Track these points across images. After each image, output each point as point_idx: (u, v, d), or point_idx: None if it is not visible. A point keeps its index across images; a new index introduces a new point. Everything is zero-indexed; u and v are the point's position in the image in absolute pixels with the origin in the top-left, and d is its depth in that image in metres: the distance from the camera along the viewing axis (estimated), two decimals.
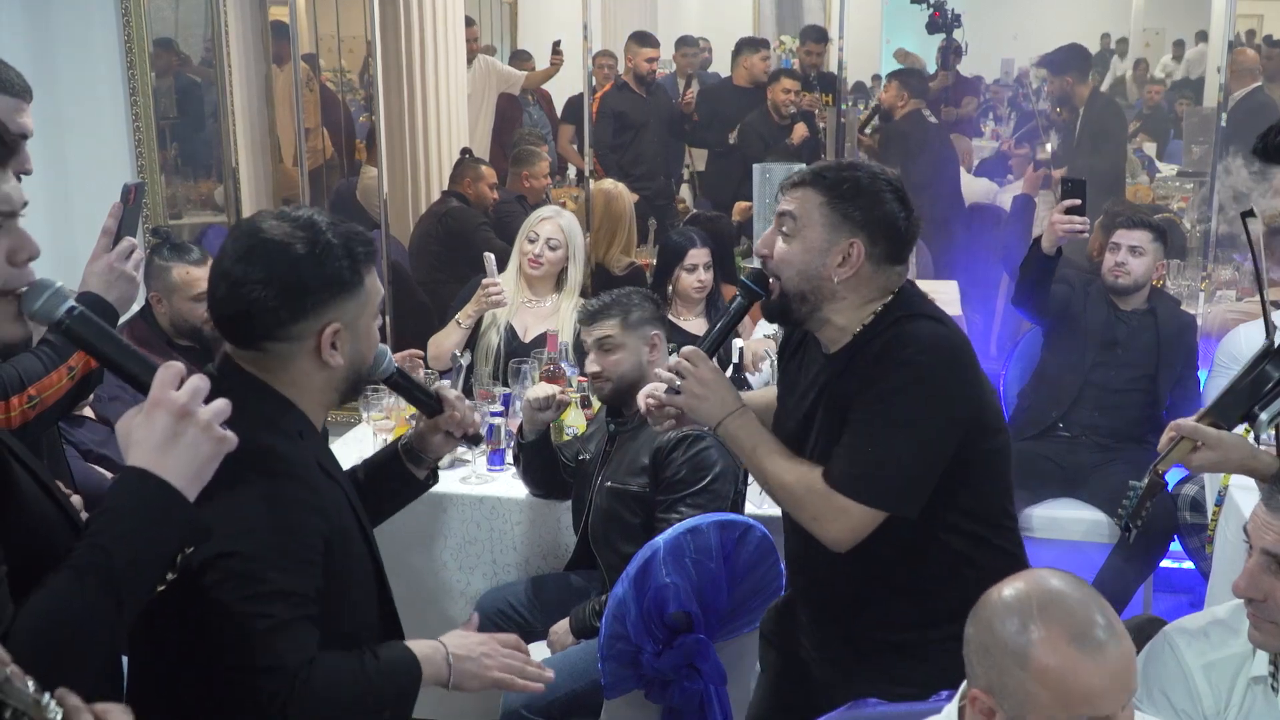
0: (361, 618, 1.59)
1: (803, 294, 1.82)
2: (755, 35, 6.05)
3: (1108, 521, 3.45)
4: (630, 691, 2.36)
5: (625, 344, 2.68)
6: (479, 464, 3.08)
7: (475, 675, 1.59)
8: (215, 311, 1.53)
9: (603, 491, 2.65)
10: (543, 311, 3.56)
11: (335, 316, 1.51)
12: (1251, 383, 1.93)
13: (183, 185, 4.47)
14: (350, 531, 1.55)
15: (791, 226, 1.81)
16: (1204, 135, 4.86)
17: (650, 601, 2.29)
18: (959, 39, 5.97)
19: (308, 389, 1.55)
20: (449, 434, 1.85)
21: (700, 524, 2.33)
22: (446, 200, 4.72)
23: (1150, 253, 3.50)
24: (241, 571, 1.40)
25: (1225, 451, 1.89)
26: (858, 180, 1.80)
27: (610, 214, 4.26)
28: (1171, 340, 3.54)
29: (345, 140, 5.18)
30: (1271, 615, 1.58)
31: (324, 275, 1.49)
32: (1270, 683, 1.64)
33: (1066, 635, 1.26)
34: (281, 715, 1.40)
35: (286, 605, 1.42)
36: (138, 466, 1.27)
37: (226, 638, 1.40)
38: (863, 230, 1.78)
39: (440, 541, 3.00)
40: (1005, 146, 6.28)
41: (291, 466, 1.48)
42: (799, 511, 1.81)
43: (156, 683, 1.50)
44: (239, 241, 1.50)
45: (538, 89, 5.94)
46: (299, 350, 1.51)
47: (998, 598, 1.32)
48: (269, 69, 4.63)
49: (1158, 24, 6.68)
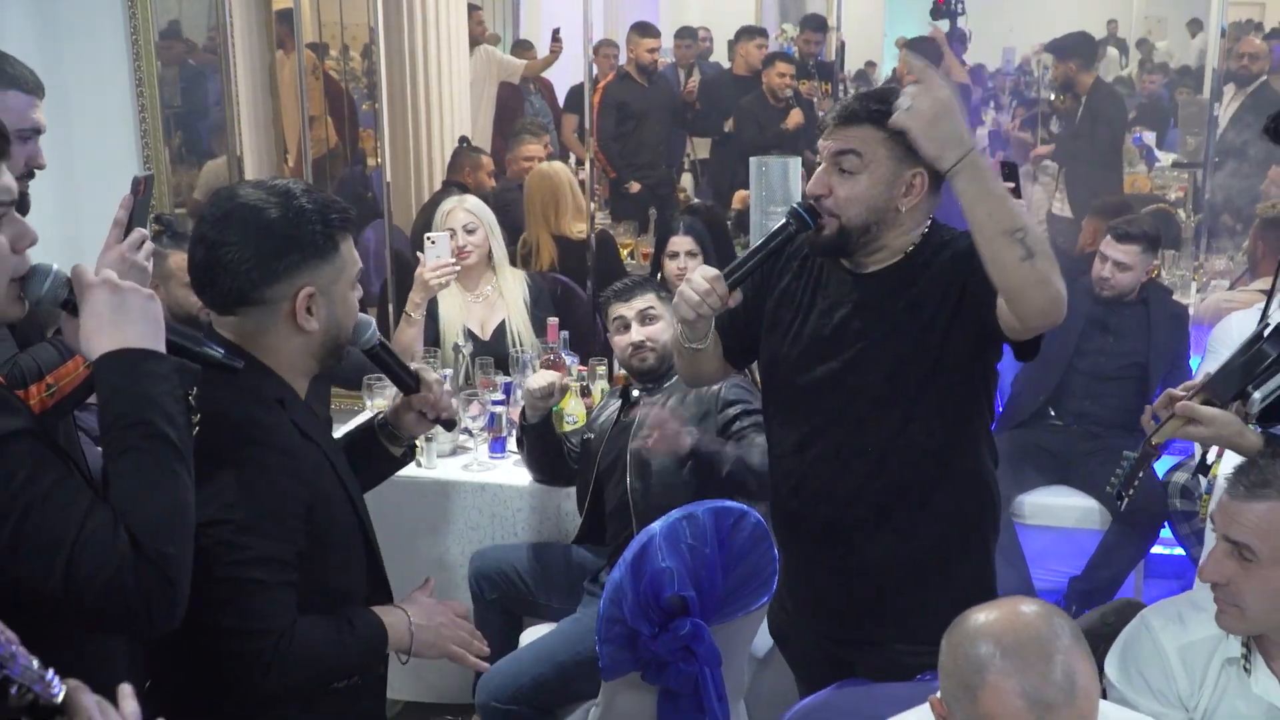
0: (349, 578, 1.66)
1: (867, 226, 1.87)
2: (756, 24, 6.07)
3: (1099, 508, 3.51)
4: (627, 673, 2.42)
5: (664, 315, 2.83)
6: (481, 451, 3.13)
7: (433, 645, 1.68)
8: (194, 275, 1.59)
9: (641, 451, 2.69)
10: (489, 300, 3.57)
11: (309, 280, 1.56)
12: (1246, 361, 1.98)
13: (187, 174, 4.51)
14: (332, 495, 1.61)
15: (855, 163, 1.84)
16: (1199, 126, 4.88)
17: (647, 585, 2.35)
18: (963, 26, 5.96)
19: (285, 355, 1.60)
20: (422, 414, 1.88)
21: (696, 510, 2.39)
22: (448, 190, 4.75)
23: (1138, 265, 3.56)
24: (228, 540, 1.47)
25: (1217, 428, 1.95)
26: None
27: (546, 190, 4.25)
28: (1163, 330, 3.59)
29: (349, 129, 5.21)
30: (1235, 599, 1.63)
31: (297, 238, 1.55)
32: (1242, 664, 1.69)
33: (1020, 688, 1.26)
34: (265, 672, 1.50)
35: (269, 570, 1.50)
36: (107, 350, 1.34)
37: (216, 601, 1.47)
38: (921, 160, 1.79)
39: (444, 528, 3.06)
40: (1007, 129, 6.28)
41: (271, 435, 1.54)
42: (1041, 262, 1.69)
43: (157, 652, 1.58)
44: (216, 207, 1.57)
45: (539, 78, 5.97)
46: (275, 314, 1.57)
47: (975, 622, 1.33)
48: (273, 57, 4.67)
49: (1160, 12, 6.69)
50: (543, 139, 5.08)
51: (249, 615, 1.49)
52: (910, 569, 1.99)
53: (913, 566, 1.99)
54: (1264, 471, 1.62)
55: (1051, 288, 1.73)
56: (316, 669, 1.57)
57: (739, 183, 4.87)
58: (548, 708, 2.68)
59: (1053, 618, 1.32)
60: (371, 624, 1.63)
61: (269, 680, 1.51)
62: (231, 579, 1.48)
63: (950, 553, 1.99)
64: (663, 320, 2.83)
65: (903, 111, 1.70)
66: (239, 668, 1.50)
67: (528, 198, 4.30)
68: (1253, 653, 1.69)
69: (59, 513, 1.24)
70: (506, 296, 3.56)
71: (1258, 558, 1.60)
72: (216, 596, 1.47)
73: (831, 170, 1.88)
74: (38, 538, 1.21)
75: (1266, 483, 1.61)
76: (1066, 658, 1.29)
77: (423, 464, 3.07)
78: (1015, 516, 3.53)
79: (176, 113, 4.44)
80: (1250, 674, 1.68)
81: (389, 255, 4.39)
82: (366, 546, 1.69)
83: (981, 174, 1.68)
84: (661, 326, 2.83)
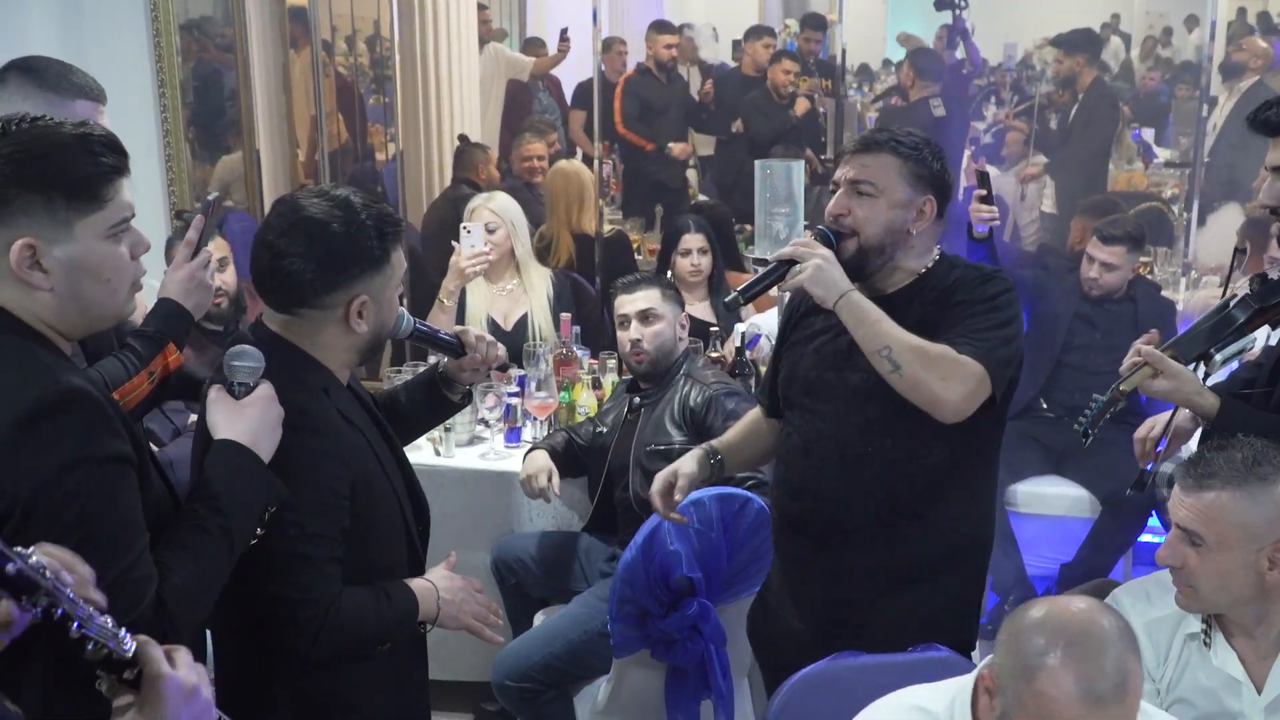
0: (391, 554, 1.81)
1: (882, 246, 2.04)
2: (761, 22, 6.15)
3: (1090, 497, 3.62)
4: (638, 651, 2.56)
5: (664, 315, 2.88)
6: (497, 441, 3.26)
7: (454, 618, 1.83)
8: (257, 278, 1.72)
9: (643, 457, 2.83)
10: (514, 293, 3.68)
11: (363, 290, 1.70)
12: (1214, 325, 2.11)
13: (200, 170, 4.59)
14: (374, 476, 1.75)
15: (872, 189, 2.02)
16: (1193, 125, 4.97)
17: (657, 567, 2.48)
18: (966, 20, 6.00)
19: (333, 350, 1.74)
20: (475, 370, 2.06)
21: (702, 497, 2.50)
22: (458, 187, 4.83)
23: (1124, 265, 3.67)
24: (282, 518, 1.61)
25: (1179, 384, 2.10)
26: (923, 145, 2.05)
27: (571, 189, 4.36)
28: (1150, 325, 3.67)
29: (360, 125, 5.30)
30: (1189, 580, 1.76)
31: (356, 253, 1.68)
32: (1203, 639, 1.83)
33: (1075, 676, 1.36)
34: (314, 639, 1.65)
35: (315, 545, 1.65)
36: (228, 439, 1.54)
37: (270, 572, 1.63)
38: (932, 189, 2.04)
39: (461, 515, 3.15)
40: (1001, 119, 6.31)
41: (318, 422, 1.68)
42: (928, 371, 1.92)
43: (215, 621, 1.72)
44: (283, 217, 1.69)
45: (547, 75, 6.05)
46: (329, 318, 1.71)
47: (1039, 613, 1.42)
48: (287, 55, 4.75)
49: (1160, 7, 6.75)
50: (548, 137, 5.14)
51: (299, 586, 1.64)
52: (898, 578, 2.07)
53: (900, 576, 2.07)
54: (1210, 464, 1.74)
55: (923, 392, 1.92)
56: (359, 636, 1.71)
57: (743, 180, 4.96)
58: (558, 683, 2.80)
59: (1117, 624, 1.41)
60: (406, 596, 1.78)
61: (316, 647, 1.65)
62: (284, 552, 1.63)
63: (940, 566, 2.09)
64: (663, 321, 2.88)
65: (796, 276, 2.00)
66: (289, 633, 1.65)
67: (551, 195, 4.40)
68: (1213, 629, 1.82)
69: (113, 544, 1.34)
70: (530, 291, 3.66)
71: (1205, 543, 1.73)
72: (271, 568, 1.63)
73: (850, 194, 2.05)
74: (90, 557, 1.25)
75: (1213, 474, 1.73)
76: (1126, 662, 1.38)
77: (441, 453, 3.19)
78: (1009, 505, 3.65)
79: (192, 109, 4.53)
80: (1210, 648, 1.81)
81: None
82: (405, 525, 1.82)
83: (854, 308, 1.96)
84: (660, 328, 2.88)
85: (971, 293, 2.02)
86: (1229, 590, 1.75)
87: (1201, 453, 1.79)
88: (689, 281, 3.71)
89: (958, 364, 1.92)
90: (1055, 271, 3.83)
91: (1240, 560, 1.72)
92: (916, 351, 1.93)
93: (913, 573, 2.06)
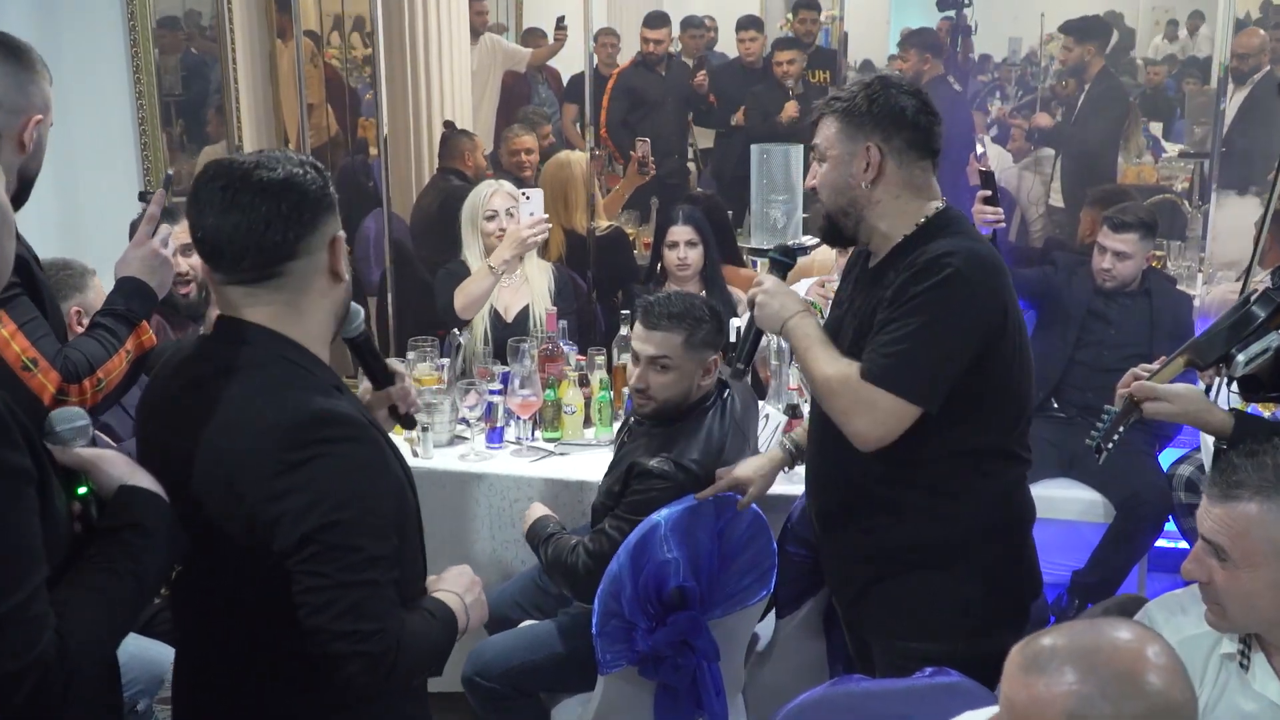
0: (415, 568, 1.62)
1: (841, 208, 1.98)
2: (758, 14, 6.05)
3: (1103, 501, 3.49)
4: (624, 668, 2.40)
5: (681, 367, 2.49)
6: (478, 441, 3.11)
7: (477, 620, 1.68)
8: (230, 250, 1.47)
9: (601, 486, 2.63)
10: (515, 285, 3.55)
11: (335, 228, 1.52)
12: (1233, 325, 1.98)
13: (187, 163, 4.48)
14: (404, 483, 1.56)
15: (819, 152, 1.99)
16: (1206, 116, 4.84)
17: (648, 577, 2.33)
18: (969, 17, 5.91)
19: (316, 320, 1.53)
20: (392, 409, 1.84)
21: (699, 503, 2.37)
22: (446, 177, 4.69)
23: (1138, 253, 3.53)
24: (339, 543, 1.40)
25: (1182, 405, 1.99)
26: (864, 90, 1.95)
27: (558, 181, 4.21)
28: (1165, 320, 3.56)
29: (349, 117, 5.18)
30: (1215, 597, 1.60)
31: (314, 188, 1.49)
32: (1240, 660, 1.66)
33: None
34: (390, 672, 1.44)
35: (378, 569, 1.44)
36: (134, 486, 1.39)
37: (326, 605, 1.40)
38: (876, 131, 1.93)
39: (440, 518, 3.03)
40: (1002, 113, 6.25)
41: (354, 428, 1.46)
42: (833, 404, 1.93)
43: (238, 666, 1.52)
44: (228, 189, 1.46)
45: (546, 67, 5.94)
46: (315, 266, 1.50)
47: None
48: (273, 45, 4.65)
49: (1167, 2, 6.65)
50: (540, 129, 5.02)
51: (370, 616, 1.42)
52: (877, 568, 2.04)
53: (880, 565, 2.03)
54: (1238, 471, 1.58)
55: (849, 426, 1.92)
56: (424, 661, 1.54)
57: (742, 171, 4.84)
58: (530, 692, 2.63)
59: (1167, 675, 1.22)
60: (446, 613, 1.59)
61: (392, 678, 1.45)
62: (346, 583, 1.41)
63: (919, 559, 1.99)
64: (675, 373, 2.50)
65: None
66: (358, 670, 1.43)
67: (546, 188, 4.26)
68: (1252, 649, 1.66)
69: (6, 570, 1.17)
70: (532, 284, 3.55)
71: (1230, 559, 1.57)
72: (328, 601, 1.41)
73: (815, 163, 2.02)
74: None
75: (1241, 484, 1.57)
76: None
77: (419, 454, 3.04)
78: None
79: (178, 100, 4.42)
80: (1248, 670, 1.65)
81: (389, 245, 4.36)
82: (420, 532, 1.65)
83: (791, 335, 2.02)
84: (670, 380, 2.50)
85: (903, 292, 1.89)
86: (1257, 611, 1.59)
87: (1230, 459, 1.62)
88: (677, 275, 3.52)
89: (858, 394, 1.89)
90: (1065, 266, 3.67)
91: (1268, 580, 1.56)
92: (824, 386, 1.94)
93: (893, 563, 2.02)
